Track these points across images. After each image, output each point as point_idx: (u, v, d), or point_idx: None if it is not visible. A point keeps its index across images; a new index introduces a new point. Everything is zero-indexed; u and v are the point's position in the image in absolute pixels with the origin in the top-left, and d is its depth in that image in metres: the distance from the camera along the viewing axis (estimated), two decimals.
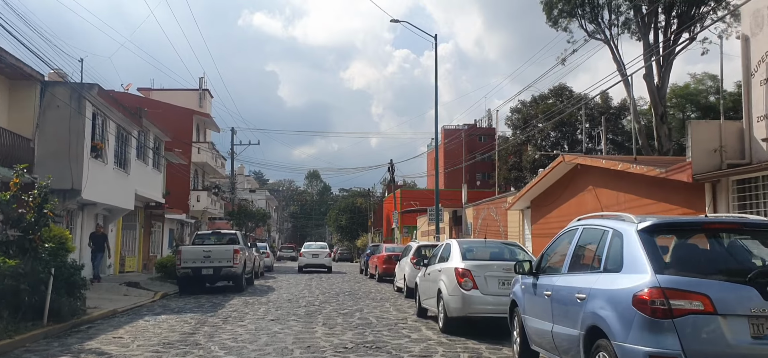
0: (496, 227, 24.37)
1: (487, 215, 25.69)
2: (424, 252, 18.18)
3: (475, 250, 11.21)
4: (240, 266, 19.05)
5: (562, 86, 54.73)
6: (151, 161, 26.14)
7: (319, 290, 19.94)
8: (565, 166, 17.35)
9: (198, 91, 42.67)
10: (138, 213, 27.33)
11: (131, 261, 26.53)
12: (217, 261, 18.76)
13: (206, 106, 42.17)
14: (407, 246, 19.23)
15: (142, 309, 14.56)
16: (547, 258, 7.07)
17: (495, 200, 25.37)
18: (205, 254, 18.74)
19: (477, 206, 27.69)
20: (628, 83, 33.71)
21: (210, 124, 41.30)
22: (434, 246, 18.39)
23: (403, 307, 15.16)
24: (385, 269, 24.47)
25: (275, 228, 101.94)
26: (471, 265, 10.20)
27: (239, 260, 18.99)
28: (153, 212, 29.06)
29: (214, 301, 16.35)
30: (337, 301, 16.36)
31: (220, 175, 44.43)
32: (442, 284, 10.61)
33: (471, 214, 28.23)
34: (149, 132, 25.29)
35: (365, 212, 66.43)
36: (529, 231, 21.13)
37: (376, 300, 16.81)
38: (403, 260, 18.77)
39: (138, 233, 27.53)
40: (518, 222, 21.98)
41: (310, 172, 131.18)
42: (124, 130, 21.91)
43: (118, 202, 21.73)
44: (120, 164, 21.78)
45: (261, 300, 16.44)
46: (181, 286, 19.14)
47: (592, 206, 16.00)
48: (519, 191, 23.13)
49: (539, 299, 6.73)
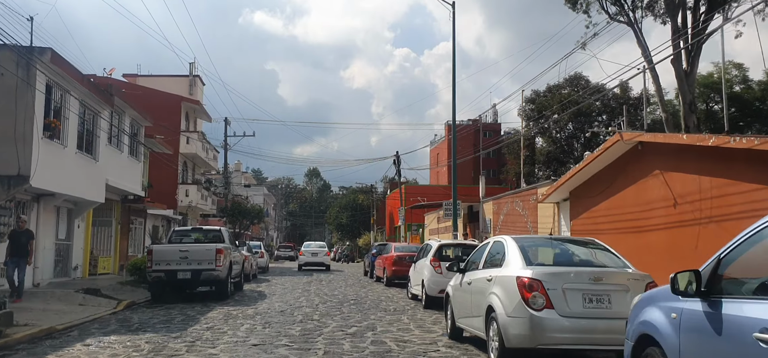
0: (523, 224, 21.18)
1: (511, 210, 22.49)
2: (446, 253, 15.02)
3: (541, 251, 8.01)
4: (224, 269, 15.86)
5: (578, 75, 51.52)
6: (128, 148, 22.92)
7: (318, 298, 16.74)
8: (621, 147, 14.15)
9: (188, 78, 39.46)
10: (114, 207, 24.13)
11: (106, 262, 23.32)
12: (197, 263, 15.56)
13: (197, 94, 38.97)
14: (425, 245, 16.04)
15: (92, 326, 11.36)
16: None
17: (520, 192, 22.17)
18: (181, 255, 15.54)
19: (498, 199, 24.49)
20: (653, 70, 30.58)
21: (201, 112, 38.09)
22: (459, 245, 15.22)
23: (426, 323, 11.96)
24: (395, 272, 21.29)
25: (273, 227, 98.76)
26: (541, 273, 6.99)
27: (223, 262, 15.80)
28: (132, 206, 25.86)
29: (189, 313, 13.14)
30: (342, 313, 13.17)
31: (212, 168, 41.23)
32: (496, 300, 7.41)
33: (490, 209, 25.03)
34: (125, 114, 22.08)
35: (367, 209, 63.18)
36: (566, 228, 17.95)
37: (389, 312, 13.61)
38: (421, 263, 15.57)
39: (114, 230, 24.32)
40: (552, 217, 18.79)
41: (310, 170, 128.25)
42: (90, 108, 18.70)
43: (83, 193, 18.52)
44: (85, 149, 18.57)
45: (247, 312, 13.23)
46: (153, 293, 15.96)
47: (660, 194, 12.81)
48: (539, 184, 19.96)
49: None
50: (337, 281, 24.23)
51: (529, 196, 20.84)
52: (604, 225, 15.19)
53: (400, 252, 21.97)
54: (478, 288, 8.25)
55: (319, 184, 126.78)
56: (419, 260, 15.95)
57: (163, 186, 32.98)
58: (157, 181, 31.88)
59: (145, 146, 25.03)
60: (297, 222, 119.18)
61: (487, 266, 8.40)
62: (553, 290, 6.82)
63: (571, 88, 50.60)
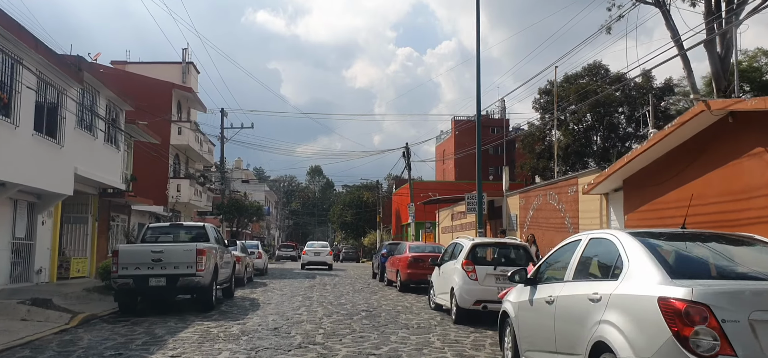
0: (559, 219, 18.27)
1: (543, 204, 19.57)
2: (481, 254, 12.14)
3: (689, 253, 5.05)
4: (207, 274, 12.98)
5: (597, 64, 48.43)
6: (104, 135, 20.08)
7: (322, 308, 13.85)
8: (703, 121, 11.22)
9: (181, 65, 36.64)
10: (90, 202, 21.31)
11: (80, 264, 20.49)
12: (173, 267, 12.68)
13: (191, 83, 36.12)
14: (453, 245, 13.11)
15: (21, 352, 8.51)
16: None
17: (555, 183, 19.24)
18: (154, 257, 12.65)
19: (526, 193, 21.56)
20: (685, 56, 27.74)
21: (194, 101, 35.23)
22: (498, 245, 12.32)
23: (464, 347, 9.07)
24: (411, 275, 18.42)
25: (275, 225, 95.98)
26: (708, 293, 4.03)
27: (206, 265, 12.92)
28: (113, 201, 23.03)
29: (157, 332, 10.26)
30: (352, 331, 10.28)
31: (207, 162, 38.38)
32: (615, 335, 4.49)
33: (516, 203, 22.10)
34: (99, 95, 19.22)
35: (373, 206, 60.22)
36: (617, 223, 15.03)
37: (411, 329, 10.72)
38: (448, 266, 12.65)
39: (90, 228, 21.48)
40: (598, 211, 15.87)
41: (312, 168, 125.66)
42: (52, 84, 15.84)
43: (44, 183, 15.69)
44: (46, 131, 15.72)
45: (231, 331, 10.35)
46: (120, 303, 13.09)
47: (764, 179, 9.89)
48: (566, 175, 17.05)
49: None
50: (343, 285, 21.35)
51: (567, 187, 17.92)
52: (673, 219, 12.24)
53: (415, 253, 19.07)
54: (570, 312, 5.34)
55: (322, 182, 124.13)
56: (446, 262, 13.05)
57: (152, 180, 30.19)
58: (145, 174, 29.08)
59: (125, 133, 22.17)
60: (299, 221, 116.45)
61: (584, 276, 5.50)
62: (732, 323, 3.90)
63: (590, 77, 47.56)
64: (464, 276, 11.48)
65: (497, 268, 11.50)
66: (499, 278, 11.44)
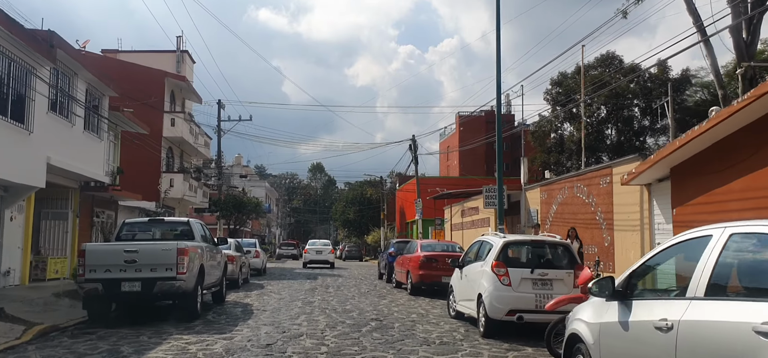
0: (589, 214, 16.36)
1: (569, 198, 17.66)
2: (514, 254, 10.26)
3: None
4: (190, 277, 11.11)
5: (610, 55, 46.43)
6: (84, 123, 18.21)
7: (325, 317, 11.96)
8: None
9: (175, 53, 34.74)
10: (70, 196, 19.44)
11: (59, 264, 18.63)
12: (150, 269, 10.80)
13: (186, 73, 34.21)
14: (479, 243, 11.16)
15: None
16: None
17: (583, 174, 17.30)
18: (127, 257, 10.77)
19: (548, 186, 19.65)
20: (708, 42, 25.73)
21: (189, 92, 33.34)
22: (533, 243, 10.44)
23: None
24: (423, 277, 16.54)
25: (276, 223, 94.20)
26: None
27: (189, 267, 11.04)
28: (96, 195, 21.16)
29: (124, 350, 8.38)
30: (362, 349, 8.39)
31: (203, 156, 36.50)
32: None
33: (537, 197, 20.19)
34: (77, 77, 17.33)
35: (376, 203, 58.28)
36: (662, 217, 13.13)
37: (433, 345, 8.82)
38: (474, 268, 10.73)
39: (71, 225, 19.60)
40: (639, 204, 13.95)
41: (314, 165, 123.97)
42: (17, 61, 13.95)
43: (9, 173, 13.80)
44: (11, 115, 13.84)
45: (214, 350, 8.45)
46: (90, 311, 11.25)
47: None
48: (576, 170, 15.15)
49: None
50: (348, 287, 19.47)
51: (599, 178, 15.99)
52: (738, 212, 10.36)
53: (428, 252, 17.17)
54: (711, 348, 3.43)
55: (324, 179, 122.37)
56: (470, 264, 11.13)
57: (142, 174, 28.35)
58: (135, 168, 27.27)
59: (108, 121, 20.27)
60: (301, 219, 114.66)
61: (728, 292, 3.60)
62: None
63: (603, 68, 45.57)
64: (495, 281, 9.58)
65: (535, 271, 9.61)
66: (537, 283, 9.55)
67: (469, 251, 11.55)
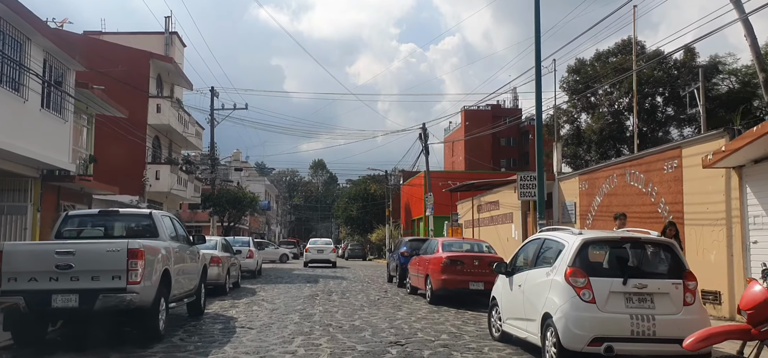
0: (647, 206, 13.46)
1: (619, 188, 14.75)
2: (597, 258, 7.39)
3: None
4: (147, 288, 8.25)
5: (631, 40, 43.35)
6: (42, 99, 15.35)
7: (328, 340, 9.08)
8: None
9: (163, 35, 31.86)
10: (29, 187, 16.59)
11: None
12: (90, 277, 7.96)
13: (175, 56, 31.34)
14: (539, 242, 8.10)
15: None
16: None
17: (641, 158, 14.35)
18: (60, 261, 7.92)
19: (590, 174, 16.73)
20: (747, 21, 22.86)
21: (177, 76, 30.45)
22: (624, 242, 7.53)
23: None
24: (446, 283, 13.68)
25: (276, 221, 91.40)
26: None
27: (145, 274, 8.19)
28: (63, 186, 18.31)
29: None
30: None
31: (195, 147, 33.64)
32: None
33: (575, 188, 17.29)
34: (29, 43, 14.45)
35: (381, 199, 55.32)
36: (760, 209, 10.26)
37: None
38: (534, 277, 7.78)
39: (30, 220, 16.73)
40: (724, 192, 11.06)
41: (315, 162, 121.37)
42: None
43: None
44: None
45: None
46: (14, 333, 8.42)
47: None
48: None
49: None
50: (354, 293, 16.61)
51: (662, 162, 13.08)
52: None
53: (452, 252, 14.29)
54: None
55: (325, 176, 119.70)
56: (524, 270, 8.21)
57: (125, 165, 25.56)
58: (115, 157, 24.53)
59: (75, 99, 17.37)
60: (302, 216, 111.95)
61: None
62: None
63: (623, 55, 42.59)
64: (572, 295, 6.70)
65: (628, 281, 6.72)
66: (632, 298, 6.68)
67: (523, 253, 8.64)
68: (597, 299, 6.67)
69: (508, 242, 22.21)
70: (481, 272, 13.68)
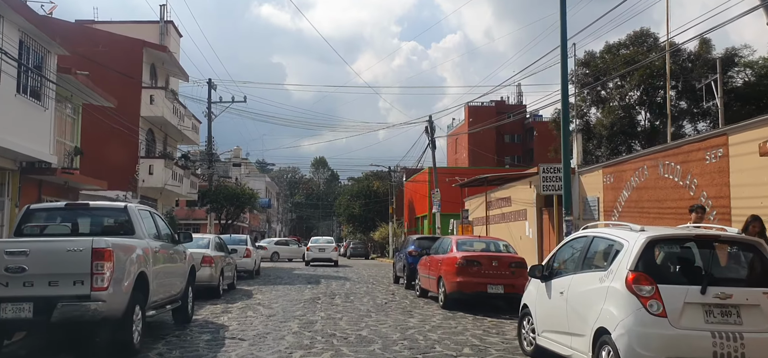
0: (687, 200, 12.10)
1: (652, 180, 13.40)
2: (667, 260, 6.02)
3: None
4: (116, 295, 6.93)
5: (643, 31, 42.01)
6: (20, 85, 14.05)
7: (333, 354, 7.76)
8: None
9: (158, 24, 30.53)
10: (7, 180, 15.32)
11: None
12: (48, 282, 6.66)
13: (171, 46, 30.00)
14: (585, 240, 6.75)
15: None
16: None
17: (677, 146, 12.99)
18: (10, 264, 6.62)
19: (616, 166, 15.38)
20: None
21: (172, 66, 29.11)
22: (697, 241, 6.14)
23: None
24: (462, 286, 12.36)
25: (277, 219, 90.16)
26: None
27: (115, 278, 6.88)
28: (45, 180, 17.00)
29: None
30: None
31: (191, 141, 32.30)
32: None
33: (598, 182, 15.94)
34: (1, 20, 13.13)
35: (384, 197, 53.97)
36: None
37: None
38: (578, 282, 6.43)
39: (8, 216, 15.44)
40: None
41: (316, 160, 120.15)
42: None
43: None
44: None
45: None
46: None
47: None
48: None
49: None
50: (359, 296, 15.28)
51: (704, 151, 11.72)
52: None
53: (468, 252, 12.95)
54: None
55: (327, 174, 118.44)
56: (569, 273, 6.86)
57: (116, 159, 24.24)
58: (108, 150, 23.27)
59: (57, 85, 16.03)
60: (303, 214, 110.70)
61: None
62: None
63: (635, 47, 41.17)
64: (636, 307, 5.37)
65: (707, 290, 5.38)
66: (712, 311, 5.35)
67: (563, 254, 7.30)
68: (668, 311, 5.33)
69: (522, 241, 20.88)
70: (500, 274, 12.36)
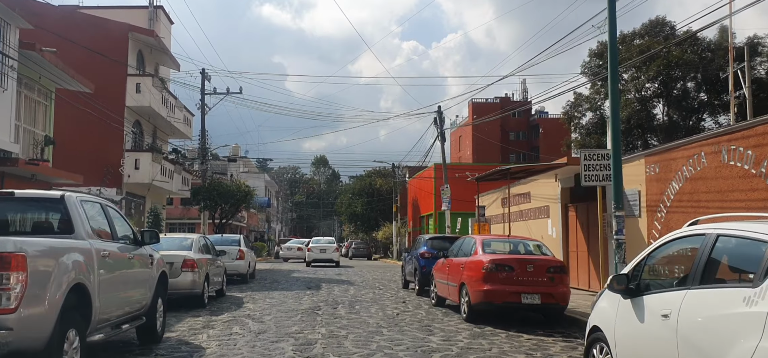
0: (759, 189, 10.06)
1: (712, 169, 11.34)
2: None
3: None
4: (35, 318, 4.89)
5: (660, 20, 39.96)
6: None
7: None
8: None
9: (148, 9, 28.53)
10: None
11: None
12: None
13: (161, 33, 28.00)
14: (696, 240, 4.78)
15: None
16: None
17: (746, 128, 10.92)
18: None
19: (665, 153, 13.30)
20: None
21: (161, 53, 27.09)
22: None
23: None
24: (491, 296, 10.35)
25: (277, 219, 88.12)
26: None
27: (29, 294, 4.84)
28: (9, 172, 14.98)
29: None
30: None
31: (182, 135, 30.26)
32: None
33: (640, 174, 13.87)
34: None
35: (387, 195, 51.94)
36: None
37: None
38: (693, 300, 4.39)
39: None
40: None
41: (317, 158, 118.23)
42: None
43: None
44: None
45: None
46: None
47: None
48: None
49: None
50: (365, 305, 13.25)
51: None
52: None
53: (497, 254, 10.92)
54: None
55: (328, 173, 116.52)
56: (677, 288, 4.82)
57: (98, 151, 22.33)
58: (89, 143, 21.37)
59: (18, 62, 14.00)
60: (304, 214, 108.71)
61: None
62: None
63: (651, 37, 39.11)
64: None
65: None
66: None
67: (661, 259, 5.26)
68: None
69: (544, 241, 18.83)
70: (536, 281, 10.32)
